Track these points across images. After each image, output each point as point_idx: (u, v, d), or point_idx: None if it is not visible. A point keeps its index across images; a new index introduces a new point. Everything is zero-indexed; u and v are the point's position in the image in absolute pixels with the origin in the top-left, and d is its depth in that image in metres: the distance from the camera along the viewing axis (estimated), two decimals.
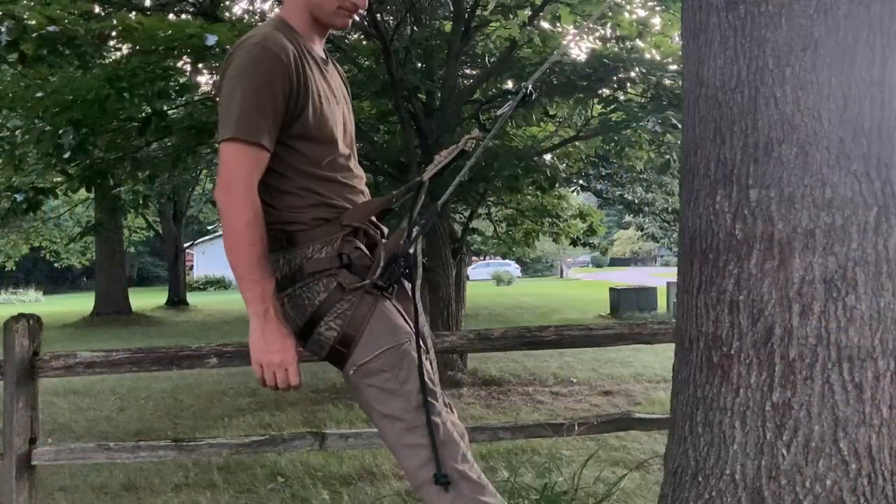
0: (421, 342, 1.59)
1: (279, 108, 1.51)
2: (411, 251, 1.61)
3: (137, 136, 5.41)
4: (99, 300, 17.39)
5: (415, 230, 1.63)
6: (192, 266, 36.44)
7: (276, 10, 8.17)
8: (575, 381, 7.42)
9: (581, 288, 28.47)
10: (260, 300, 1.50)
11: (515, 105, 1.74)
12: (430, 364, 1.65)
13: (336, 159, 1.64)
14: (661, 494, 1.91)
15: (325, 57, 1.73)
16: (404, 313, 1.63)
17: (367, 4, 1.70)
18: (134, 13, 5.32)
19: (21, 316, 2.93)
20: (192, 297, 22.13)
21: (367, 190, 1.74)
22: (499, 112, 1.76)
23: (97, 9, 5.39)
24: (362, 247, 1.60)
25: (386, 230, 1.72)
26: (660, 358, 7.89)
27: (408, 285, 1.67)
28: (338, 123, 1.66)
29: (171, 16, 6.15)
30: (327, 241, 1.57)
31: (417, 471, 1.53)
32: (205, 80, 7.31)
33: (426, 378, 1.55)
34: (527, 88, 1.73)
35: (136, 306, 17.98)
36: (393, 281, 1.59)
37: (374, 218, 1.69)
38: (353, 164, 1.72)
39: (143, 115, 5.30)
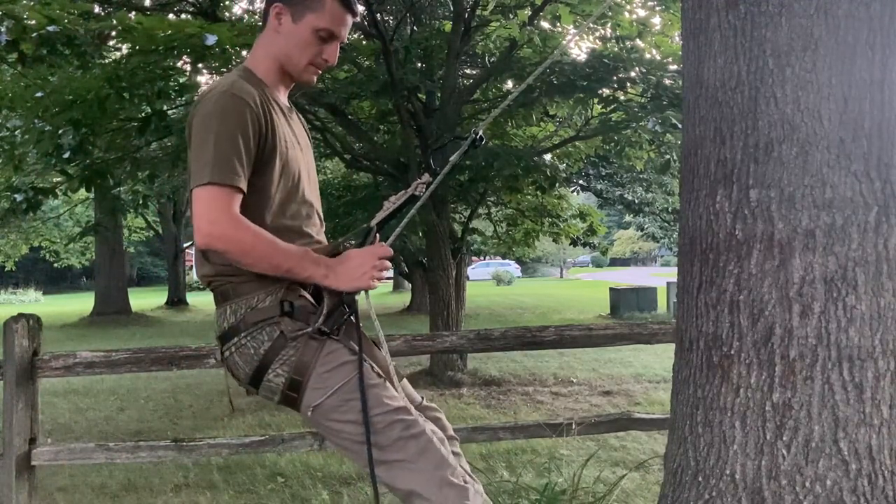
0: (373, 367, 1.62)
1: (251, 152, 1.54)
2: (357, 296, 1.64)
3: (137, 136, 5.40)
4: (99, 300, 17.39)
5: None
6: (192, 266, 36.44)
7: None
8: (575, 381, 7.42)
9: (581, 288, 28.47)
10: (315, 268, 1.57)
11: (466, 149, 1.77)
12: (397, 381, 1.69)
13: (296, 206, 1.67)
14: (661, 494, 1.91)
15: (289, 106, 1.76)
16: (354, 346, 1.63)
17: (336, 62, 1.73)
18: (134, 13, 5.32)
19: (21, 316, 2.93)
20: (191, 297, 22.13)
21: (323, 239, 1.77)
22: (451, 158, 1.78)
23: (97, 9, 5.39)
24: (306, 294, 1.62)
25: None
26: (660, 358, 7.90)
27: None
28: (302, 170, 1.70)
29: (171, 16, 6.15)
30: (271, 291, 1.59)
31: (402, 487, 1.56)
32: (205, 79, 7.31)
33: (384, 399, 1.57)
34: (477, 134, 1.76)
35: (136, 306, 17.98)
36: (337, 326, 1.60)
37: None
38: (315, 213, 1.75)
39: (143, 115, 5.29)
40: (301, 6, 1.64)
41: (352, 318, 1.63)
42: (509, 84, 8.04)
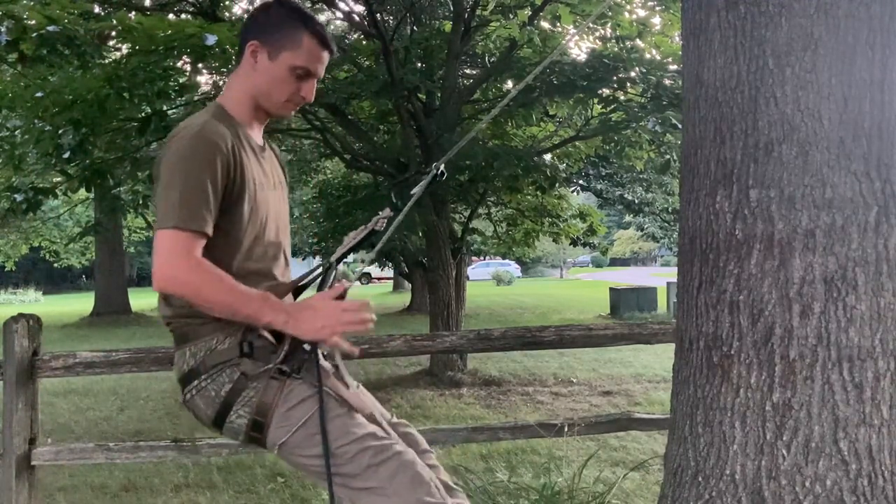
0: (339, 398, 1.60)
1: (218, 195, 1.53)
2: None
3: (137, 136, 5.40)
4: (99, 300, 17.39)
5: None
6: None
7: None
8: (575, 381, 7.42)
9: (581, 288, 28.47)
10: (273, 315, 1.53)
11: (427, 184, 1.78)
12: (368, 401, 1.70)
13: (263, 248, 1.66)
14: (661, 494, 1.91)
15: (262, 144, 1.74)
16: (314, 379, 1.61)
17: (313, 99, 1.72)
18: (134, 13, 5.32)
19: (21, 316, 2.92)
20: None
21: (289, 280, 1.76)
22: (412, 191, 1.79)
23: (97, 9, 5.39)
24: (266, 334, 1.60)
25: None
26: (660, 358, 7.90)
27: (326, 365, 1.67)
28: (270, 211, 1.69)
29: (171, 16, 6.15)
30: (230, 332, 1.58)
31: None
32: (205, 79, 7.31)
33: (350, 428, 1.56)
34: (438, 169, 1.78)
35: (136, 306, 17.97)
36: (297, 366, 1.59)
37: (291, 300, 1.72)
38: (282, 253, 1.74)
39: (143, 115, 5.29)
40: (278, 44, 1.63)
41: (311, 359, 1.60)
42: (509, 84, 8.04)
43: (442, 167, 1.78)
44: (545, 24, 7.33)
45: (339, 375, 1.69)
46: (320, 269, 1.76)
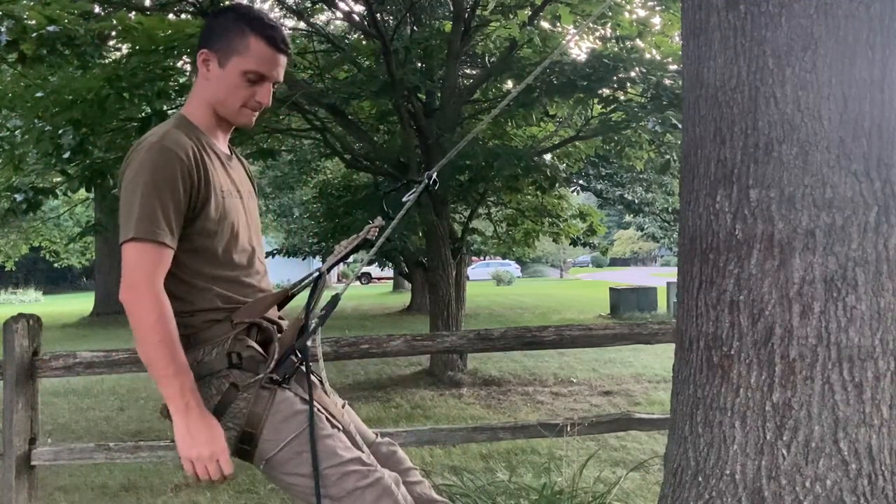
0: (328, 416, 1.60)
1: (180, 205, 1.51)
2: (309, 343, 1.61)
3: (137, 136, 5.39)
4: (99, 300, 17.40)
5: (312, 322, 1.63)
6: None
7: (276, 10, 8.15)
8: (575, 381, 7.42)
9: (581, 288, 28.47)
10: (180, 395, 1.49)
11: (419, 193, 1.77)
12: (352, 431, 1.67)
13: (236, 255, 1.65)
14: (661, 494, 1.91)
15: (228, 153, 1.73)
16: (304, 393, 1.61)
17: (271, 103, 1.70)
18: (134, 13, 5.32)
19: (21, 316, 2.92)
20: None
21: (268, 286, 1.75)
22: (404, 199, 1.77)
23: (97, 9, 5.39)
24: (254, 344, 1.60)
25: (284, 325, 1.70)
26: (660, 358, 7.90)
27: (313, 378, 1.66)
28: (240, 218, 1.68)
29: (171, 16, 6.15)
30: (218, 343, 1.57)
31: None
32: None
33: (338, 450, 1.56)
34: (430, 178, 1.78)
35: None
36: (288, 375, 1.58)
37: (275, 311, 1.72)
38: (256, 260, 1.73)
39: (143, 115, 5.29)
40: (226, 50, 1.61)
41: (302, 366, 1.60)
42: (509, 84, 8.04)
43: (434, 175, 1.78)
44: (545, 24, 7.33)
45: (325, 391, 1.69)
46: (311, 278, 1.75)
